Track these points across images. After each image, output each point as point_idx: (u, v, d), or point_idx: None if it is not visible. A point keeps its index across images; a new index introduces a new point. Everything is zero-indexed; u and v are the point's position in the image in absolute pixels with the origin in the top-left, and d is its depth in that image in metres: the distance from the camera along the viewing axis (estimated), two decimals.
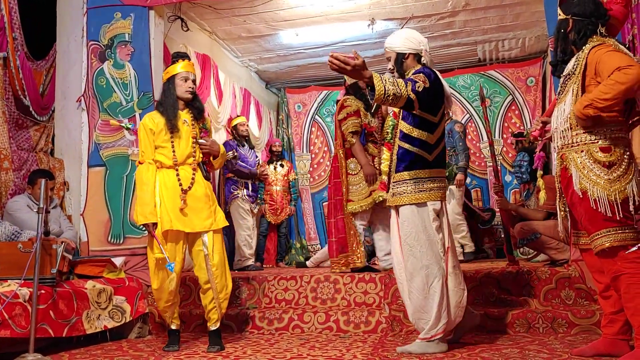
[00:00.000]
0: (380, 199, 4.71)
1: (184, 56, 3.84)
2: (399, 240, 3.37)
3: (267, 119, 8.61)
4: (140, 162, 3.67)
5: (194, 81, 3.76)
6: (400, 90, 3.01)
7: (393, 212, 3.46)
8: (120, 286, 4.26)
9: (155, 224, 3.56)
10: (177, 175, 3.62)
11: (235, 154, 6.06)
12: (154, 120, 3.68)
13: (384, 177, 3.53)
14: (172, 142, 3.64)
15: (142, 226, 3.73)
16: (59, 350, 3.69)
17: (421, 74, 3.21)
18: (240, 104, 7.52)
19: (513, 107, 8.09)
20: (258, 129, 8.05)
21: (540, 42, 7.30)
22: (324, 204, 8.61)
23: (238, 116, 6.84)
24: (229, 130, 6.77)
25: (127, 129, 4.85)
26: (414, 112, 3.22)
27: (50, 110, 5.30)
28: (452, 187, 6.01)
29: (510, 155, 8.02)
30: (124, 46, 5.17)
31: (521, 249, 5.48)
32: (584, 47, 2.86)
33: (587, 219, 2.84)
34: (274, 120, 9.01)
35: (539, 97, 7.76)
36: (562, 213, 3.10)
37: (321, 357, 3.27)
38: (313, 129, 8.83)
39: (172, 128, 3.63)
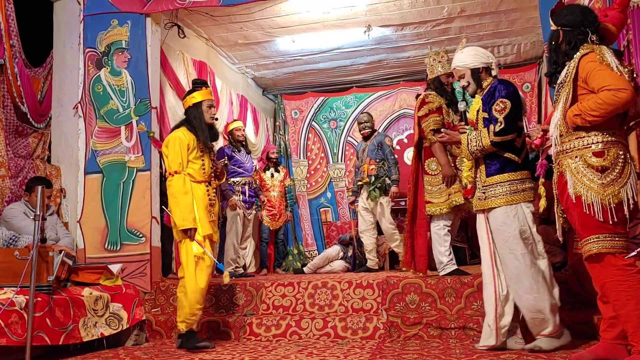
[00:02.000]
0: (455, 203, 4.56)
1: (205, 84, 4.27)
2: (490, 244, 3.45)
3: (264, 126, 8.62)
4: (175, 172, 3.95)
5: (215, 107, 4.20)
6: (482, 143, 3.39)
7: (481, 217, 3.52)
8: (117, 293, 4.25)
9: (196, 230, 3.90)
10: (207, 190, 4.05)
11: (226, 162, 6.03)
12: (188, 136, 4.02)
13: (466, 182, 3.67)
14: (202, 159, 4.05)
15: (182, 231, 3.93)
16: (56, 358, 3.68)
17: (503, 99, 3.38)
18: (237, 111, 7.52)
19: None
20: (255, 136, 8.05)
21: (536, 48, 7.33)
22: (321, 209, 8.62)
23: (234, 120, 6.84)
24: (225, 135, 6.77)
25: (151, 136, 4.88)
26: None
27: (47, 118, 5.29)
28: (383, 200, 5.99)
29: None
30: (120, 53, 5.18)
31: None
32: (574, 56, 2.87)
33: (579, 223, 2.86)
34: (270, 127, 9.01)
35: (534, 103, 7.79)
36: (560, 219, 3.12)
37: None
38: (310, 135, 8.84)
39: (205, 148, 4.07)
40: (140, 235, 4.92)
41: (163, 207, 4.12)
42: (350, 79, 8.53)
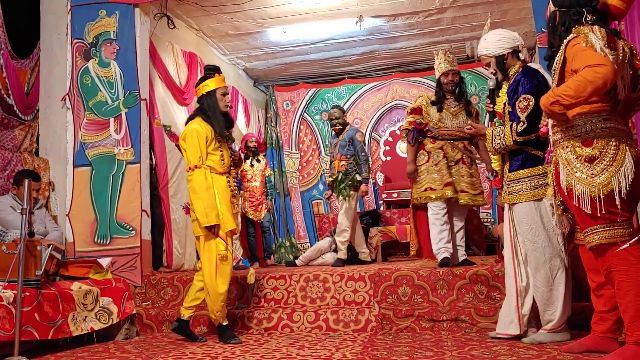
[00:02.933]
0: (449, 194, 4.67)
1: (218, 70, 4.05)
2: (511, 237, 3.47)
3: (255, 117, 8.56)
4: (195, 167, 3.82)
5: (229, 95, 4.06)
6: (505, 142, 3.36)
7: (507, 209, 3.53)
8: (107, 287, 4.21)
9: (219, 226, 3.79)
10: (228, 181, 3.92)
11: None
12: (205, 128, 3.87)
13: (498, 175, 3.65)
14: (220, 150, 3.91)
15: (206, 228, 3.82)
16: (45, 353, 3.64)
17: (526, 96, 3.28)
18: None
19: None
20: (246, 128, 8.00)
21: (528, 39, 7.29)
22: (313, 202, 8.59)
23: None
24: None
25: (167, 130, 4.85)
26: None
27: (34, 110, 5.23)
28: (352, 196, 5.90)
29: None
30: (109, 44, 5.11)
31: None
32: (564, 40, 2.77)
33: (577, 215, 2.81)
34: (262, 119, 8.96)
35: None
36: (559, 211, 3.08)
37: (310, 357, 3.24)
38: (302, 126, 8.81)
39: (222, 138, 3.91)
40: (130, 229, 4.87)
41: (186, 203, 4.03)
42: (342, 70, 8.49)
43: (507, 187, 3.47)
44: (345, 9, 6.25)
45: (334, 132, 6.27)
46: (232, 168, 4.07)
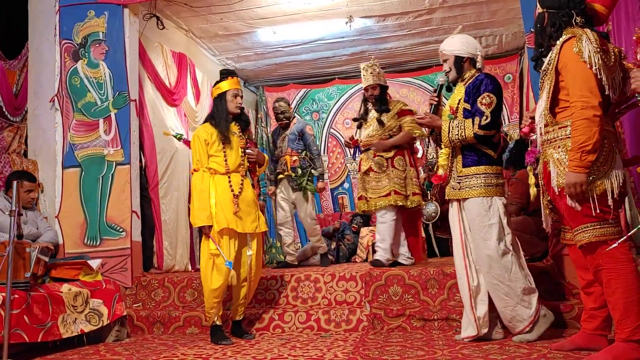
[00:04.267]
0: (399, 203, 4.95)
1: (232, 73, 4.15)
2: (461, 235, 3.47)
3: None
4: (195, 170, 3.97)
5: (241, 97, 4.11)
6: (465, 134, 3.37)
7: (455, 206, 3.53)
8: (97, 289, 4.19)
9: (211, 227, 3.84)
10: (229, 181, 3.95)
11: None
12: (207, 131, 3.99)
13: (441, 171, 3.62)
14: (224, 151, 3.97)
15: (199, 228, 3.99)
16: (35, 355, 3.61)
17: (490, 94, 3.37)
18: None
19: None
20: None
21: (517, 39, 7.34)
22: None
23: None
24: None
25: (179, 138, 4.84)
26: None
27: (23, 111, 5.20)
28: (309, 193, 5.84)
29: None
30: (98, 45, 5.09)
31: None
32: (558, 41, 2.82)
33: (567, 214, 2.83)
34: (252, 119, 8.94)
35: (516, 94, 7.82)
36: (546, 210, 3.10)
37: (302, 357, 3.25)
38: None
39: (225, 139, 3.97)
40: (121, 230, 4.85)
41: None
42: (333, 71, 8.49)
43: (459, 182, 3.46)
44: (335, 9, 6.25)
45: (279, 126, 6.09)
46: (252, 167, 4.13)
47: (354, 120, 5.27)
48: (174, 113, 6.11)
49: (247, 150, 4.06)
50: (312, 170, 5.83)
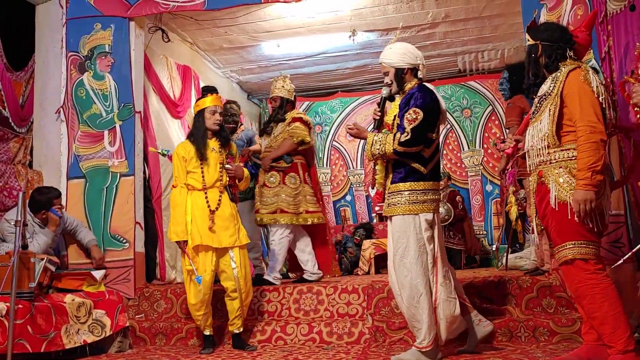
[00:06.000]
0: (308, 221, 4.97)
1: (212, 90, 4.24)
2: (392, 250, 3.41)
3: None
4: (174, 186, 4.09)
5: (220, 113, 4.18)
6: (385, 149, 3.32)
7: (389, 223, 3.49)
8: (100, 300, 4.21)
9: (186, 242, 3.95)
10: (206, 197, 4.02)
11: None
12: (185, 148, 4.09)
13: (379, 188, 3.57)
14: (201, 168, 4.05)
15: (176, 242, 4.09)
16: None
17: (417, 109, 3.28)
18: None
19: (493, 118, 8.22)
20: None
21: (519, 54, 7.38)
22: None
23: None
24: None
25: (164, 155, 4.88)
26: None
27: (29, 122, 5.23)
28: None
29: (490, 165, 8.10)
30: (104, 57, 5.14)
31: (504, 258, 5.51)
32: (561, 69, 2.97)
33: (556, 230, 2.93)
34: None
35: None
36: (538, 227, 3.20)
37: None
38: None
39: (202, 156, 4.05)
40: (124, 241, 4.87)
41: None
42: (336, 84, 8.55)
43: (387, 199, 3.43)
44: (339, 23, 6.31)
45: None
46: (237, 182, 4.19)
47: (262, 132, 5.35)
48: (178, 125, 6.15)
49: (225, 166, 4.12)
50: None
